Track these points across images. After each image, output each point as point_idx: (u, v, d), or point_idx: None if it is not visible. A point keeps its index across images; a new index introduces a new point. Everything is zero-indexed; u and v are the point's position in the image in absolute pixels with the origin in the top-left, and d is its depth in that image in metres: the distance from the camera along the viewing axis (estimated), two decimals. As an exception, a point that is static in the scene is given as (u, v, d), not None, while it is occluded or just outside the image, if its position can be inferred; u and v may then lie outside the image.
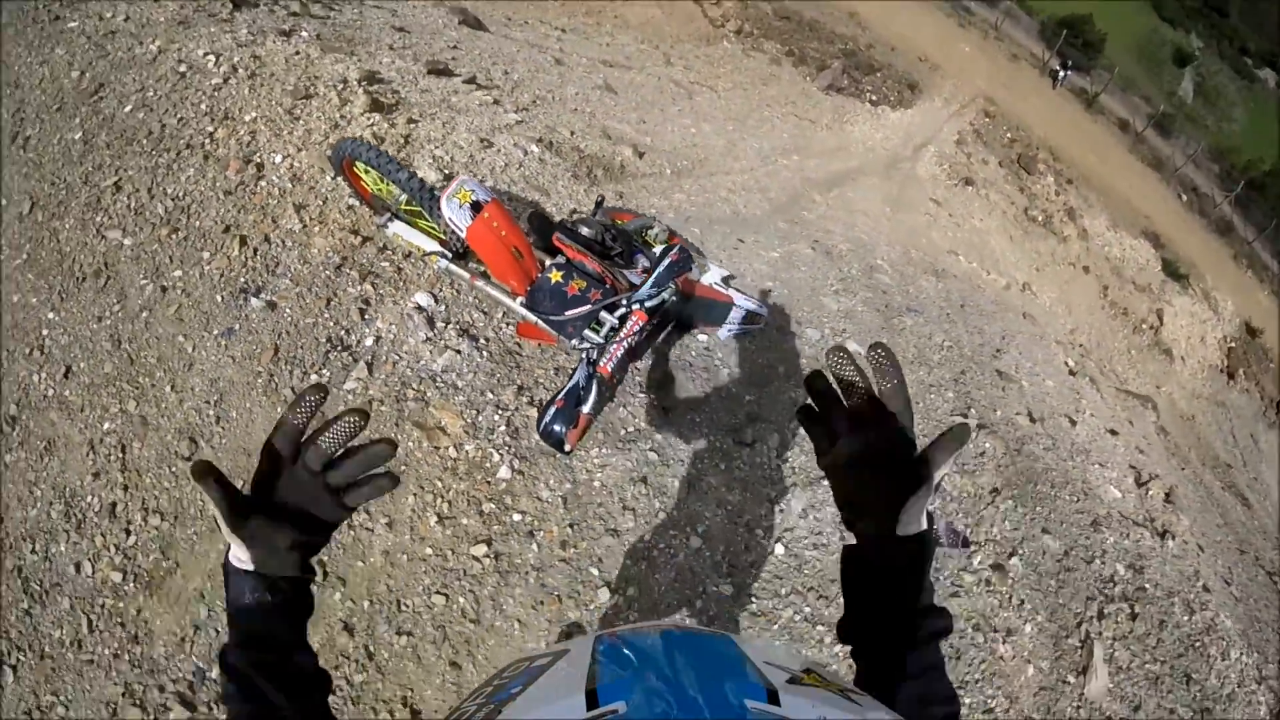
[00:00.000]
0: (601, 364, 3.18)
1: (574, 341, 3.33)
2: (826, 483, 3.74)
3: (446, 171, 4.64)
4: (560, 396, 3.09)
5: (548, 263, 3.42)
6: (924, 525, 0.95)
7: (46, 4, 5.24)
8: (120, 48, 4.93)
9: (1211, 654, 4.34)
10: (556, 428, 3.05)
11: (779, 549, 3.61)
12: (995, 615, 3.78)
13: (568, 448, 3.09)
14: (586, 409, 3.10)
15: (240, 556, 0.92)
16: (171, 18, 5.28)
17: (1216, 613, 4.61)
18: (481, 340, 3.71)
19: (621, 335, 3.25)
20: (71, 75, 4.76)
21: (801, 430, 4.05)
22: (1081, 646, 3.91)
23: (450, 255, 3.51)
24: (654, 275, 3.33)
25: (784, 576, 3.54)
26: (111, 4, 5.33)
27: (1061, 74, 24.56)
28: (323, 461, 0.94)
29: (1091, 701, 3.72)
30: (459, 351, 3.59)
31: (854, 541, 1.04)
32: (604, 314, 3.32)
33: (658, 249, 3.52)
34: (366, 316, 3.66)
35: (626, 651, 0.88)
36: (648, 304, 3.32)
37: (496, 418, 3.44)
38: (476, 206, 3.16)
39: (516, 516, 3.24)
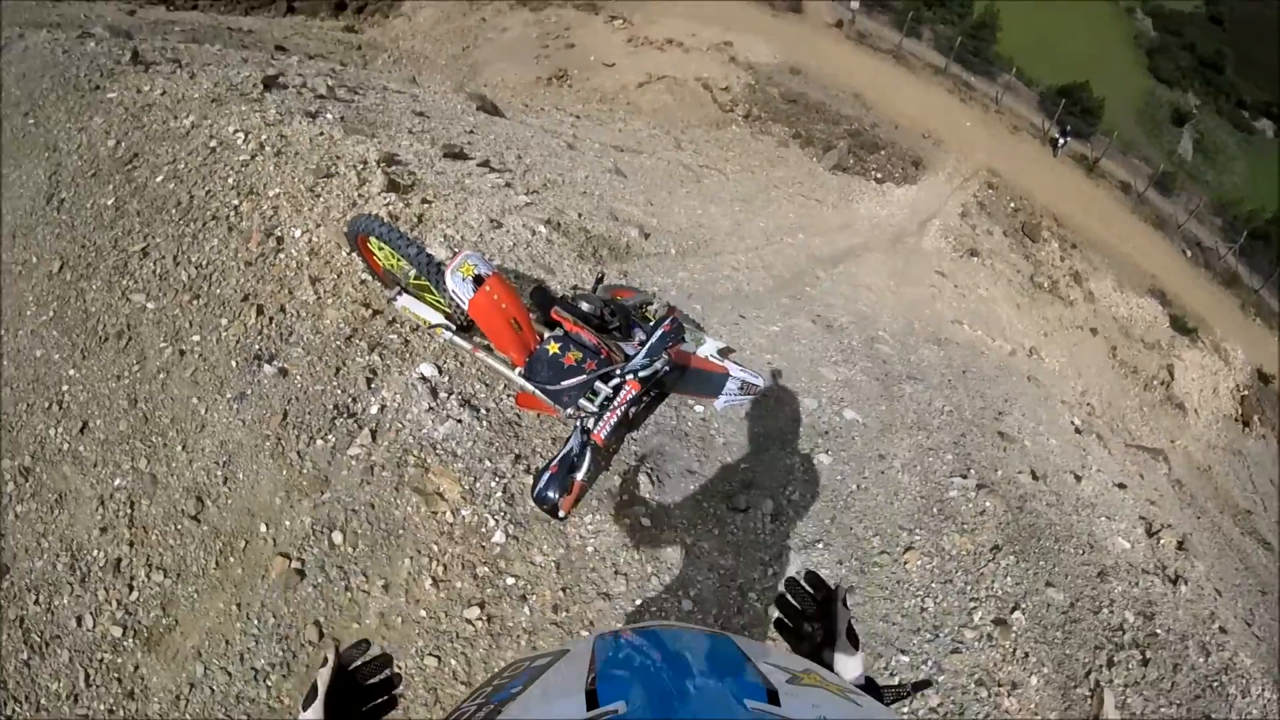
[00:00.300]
0: (595, 431, 3.28)
1: (569, 410, 3.44)
2: (821, 545, 3.82)
3: (456, 250, 4.79)
4: (554, 463, 3.19)
5: (546, 335, 3.55)
6: (860, 678, 1.31)
7: (88, 73, 5.53)
8: (155, 120, 5.22)
9: (1231, 692, 4.33)
10: (550, 493, 3.14)
11: (773, 612, 3.67)
12: (999, 669, 3.80)
13: (562, 513, 3.18)
14: (580, 475, 3.20)
15: None
16: (206, 95, 5.59)
17: (1235, 652, 4.60)
18: (482, 410, 3.84)
19: (615, 404, 3.36)
20: (108, 144, 5.04)
21: (795, 494, 4.17)
22: (1091, 695, 3.91)
23: (454, 328, 3.66)
24: (647, 345, 3.45)
25: (777, 639, 3.59)
26: (150, 78, 5.65)
27: (1061, 141, 24.86)
28: (360, 689, 1.24)
29: None
30: (460, 421, 3.72)
31: None
32: (599, 384, 3.42)
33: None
34: (373, 386, 3.81)
35: (626, 651, 0.92)
36: (641, 374, 3.42)
37: (493, 484, 3.54)
38: (479, 280, 3.30)
39: (510, 580, 3.32)
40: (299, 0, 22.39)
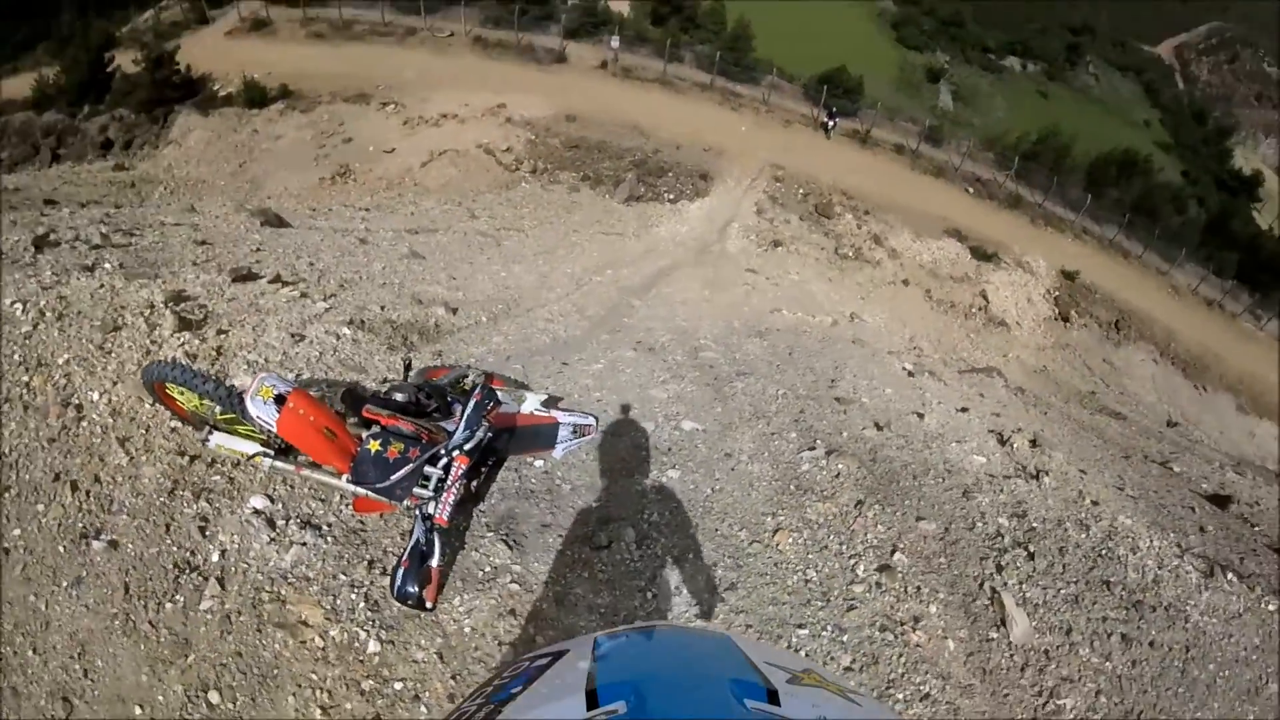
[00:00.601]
0: (437, 515, 3.33)
1: (406, 502, 3.47)
2: (691, 554, 3.96)
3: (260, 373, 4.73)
4: (405, 557, 3.22)
5: (365, 435, 3.56)
6: None
7: None
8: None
9: (1121, 554, 4.73)
10: (410, 588, 3.16)
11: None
12: (897, 610, 4.00)
13: (429, 604, 3.21)
14: (434, 562, 3.24)
15: None
16: (-25, 270, 5.28)
17: (1113, 518, 5.04)
18: (324, 527, 3.77)
19: (449, 483, 3.42)
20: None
21: (654, 516, 4.32)
22: (991, 602, 4.17)
23: (273, 453, 3.62)
24: (463, 418, 3.54)
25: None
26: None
27: (831, 124, 26.61)
28: None
29: (1022, 645, 3.96)
30: (304, 544, 3.64)
31: None
32: (428, 468, 3.47)
33: None
34: (208, 533, 3.68)
35: (626, 651, 0.92)
36: (466, 447, 3.49)
37: (354, 596, 3.48)
38: (280, 399, 3.28)
39: (398, 685, 3.25)
40: (63, 148, 21.37)
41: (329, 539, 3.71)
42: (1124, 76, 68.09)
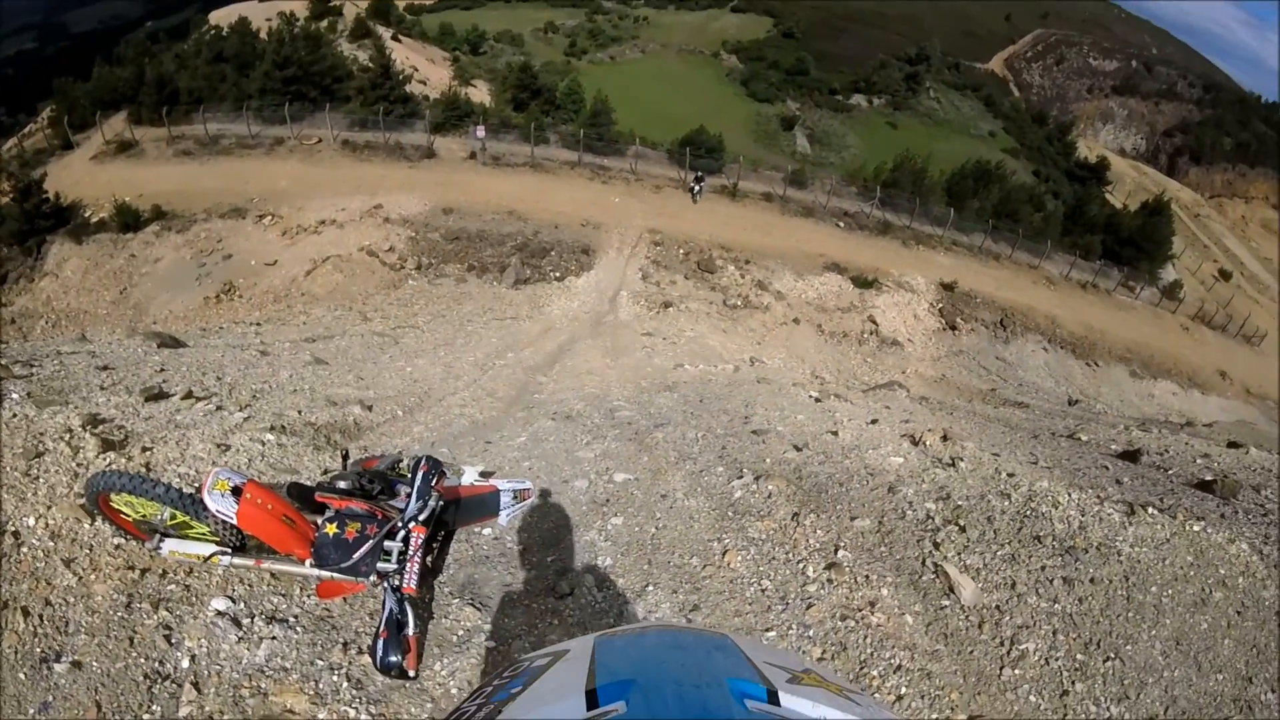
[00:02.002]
0: (405, 585, 3.42)
1: (371, 578, 3.54)
2: (651, 586, 4.10)
3: (196, 484, 4.68)
4: (382, 628, 3.28)
5: (320, 520, 3.62)
6: None
7: None
8: None
9: (1045, 510, 5.10)
10: (392, 658, 3.22)
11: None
12: (853, 599, 4.23)
13: (411, 673, 3.27)
14: (411, 630, 3.31)
15: None
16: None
17: (1031, 484, 5.44)
18: (290, 619, 3.78)
19: (411, 552, 3.52)
20: None
21: (608, 560, 4.48)
22: (937, 575, 4.46)
23: (229, 551, 3.63)
24: (415, 489, 3.66)
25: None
26: None
27: (698, 188, 27.51)
28: None
29: (974, 606, 4.25)
30: (274, 637, 3.64)
31: None
32: (387, 542, 3.55)
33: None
34: (173, 641, 3.64)
35: (626, 651, 0.94)
36: (421, 517, 3.59)
37: (335, 678, 3.50)
38: (237, 491, 3.33)
39: None
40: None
41: (299, 629, 3.73)
42: (963, 95, 73.56)
